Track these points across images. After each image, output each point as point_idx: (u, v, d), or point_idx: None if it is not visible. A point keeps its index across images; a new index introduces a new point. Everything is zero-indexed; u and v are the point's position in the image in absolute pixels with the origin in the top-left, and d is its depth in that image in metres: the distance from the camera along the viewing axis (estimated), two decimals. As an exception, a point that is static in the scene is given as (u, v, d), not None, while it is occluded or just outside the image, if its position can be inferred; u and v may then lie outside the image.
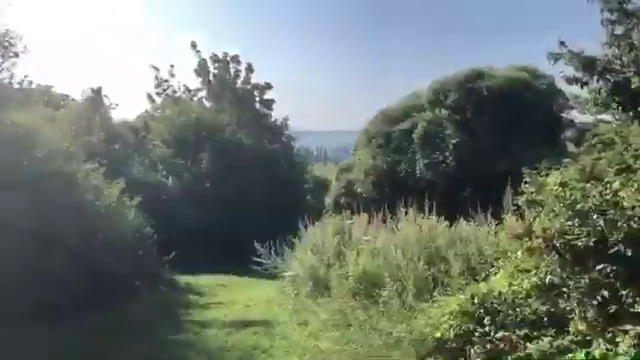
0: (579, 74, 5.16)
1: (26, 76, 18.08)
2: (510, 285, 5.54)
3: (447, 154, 14.70)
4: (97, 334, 7.33)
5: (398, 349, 5.77)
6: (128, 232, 11.37)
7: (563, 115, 16.42)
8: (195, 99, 23.71)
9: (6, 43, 8.82)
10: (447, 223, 8.36)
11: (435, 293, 6.62)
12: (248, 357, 6.27)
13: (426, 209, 8.55)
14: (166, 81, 23.75)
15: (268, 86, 23.63)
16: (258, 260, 10.17)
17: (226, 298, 10.90)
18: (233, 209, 17.85)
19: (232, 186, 18.27)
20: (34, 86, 22.77)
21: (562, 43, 5.16)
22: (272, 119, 23.82)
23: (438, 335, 5.47)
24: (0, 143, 8.32)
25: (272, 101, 23.76)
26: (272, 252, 10.18)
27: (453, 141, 14.76)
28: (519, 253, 5.72)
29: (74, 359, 6.33)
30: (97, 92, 21.90)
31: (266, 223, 16.16)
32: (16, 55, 9.47)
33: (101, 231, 10.03)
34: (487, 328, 5.25)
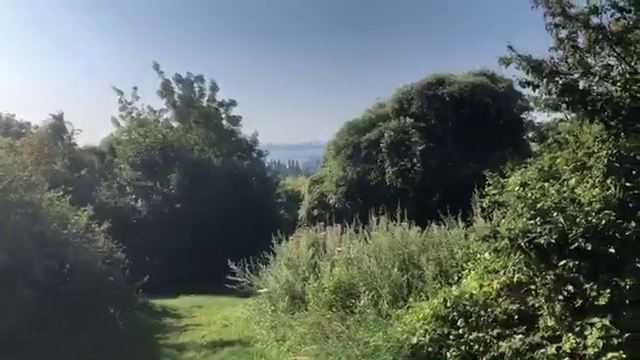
0: (529, 77, 5.36)
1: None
2: (481, 286, 5.67)
3: (415, 161, 14.93)
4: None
5: (376, 358, 5.79)
6: (98, 259, 11.10)
7: (524, 116, 16.93)
8: (161, 120, 23.46)
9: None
10: (419, 229, 8.46)
11: (410, 299, 6.68)
12: (226, 378, 6.19)
13: (398, 216, 8.65)
14: (130, 104, 23.44)
15: (233, 103, 23.57)
16: (233, 279, 10.06)
17: (203, 319, 10.76)
18: (206, 229, 17.64)
19: (204, 205, 18.08)
20: (-7, 115, 22.19)
21: (510, 47, 5.35)
22: (241, 135, 23.74)
23: (414, 341, 5.53)
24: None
25: (239, 118, 23.69)
26: (247, 270, 10.10)
27: (419, 148, 15.01)
28: (487, 254, 5.86)
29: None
30: (59, 118, 21.44)
31: (240, 240, 16.03)
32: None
33: (69, 260, 9.77)
34: (461, 330, 5.36)
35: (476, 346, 5.22)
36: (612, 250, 4.84)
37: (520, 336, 5.00)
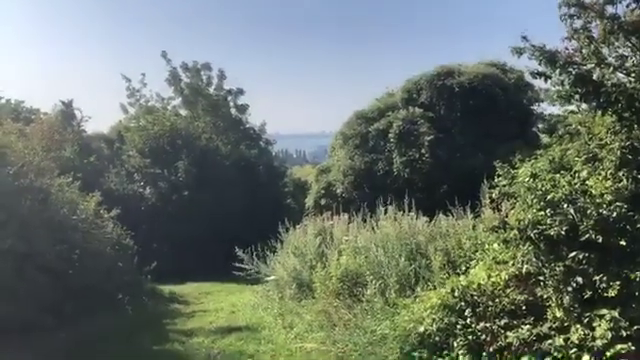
0: (542, 67, 5.29)
1: (-7, 91, 17.64)
2: (489, 277, 5.66)
3: (423, 151, 14.86)
4: (80, 348, 7.22)
5: (383, 346, 5.83)
6: (107, 245, 11.21)
7: (534, 108, 16.78)
8: (169, 108, 23.48)
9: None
10: (426, 219, 8.47)
11: (417, 288, 6.71)
12: (235, 363, 6.26)
13: (405, 206, 8.65)
14: (138, 91, 23.47)
15: (241, 91, 23.50)
16: (241, 266, 10.13)
17: (211, 305, 10.86)
18: (213, 216, 17.72)
19: (211, 193, 18.14)
20: (3, 101, 22.31)
21: (524, 38, 5.28)
22: (248, 124, 23.73)
23: (421, 330, 5.56)
24: (-31, 161, 8.12)
25: (247, 106, 23.64)
26: (254, 257, 10.16)
27: (428, 138, 14.92)
28: (495, 245, 5.86)
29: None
30: (68, 105, 21.50)
31: (247, 228, 16.11)
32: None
33: (78, 245, 9.86)
34: (468, 320, 5.37)
35: (483, 336, 5.24)
36: (623, 243, 4.82)
37: (528, 327, 5.02)
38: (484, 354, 5.16)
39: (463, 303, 5.50)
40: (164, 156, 19.37)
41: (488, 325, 5.23)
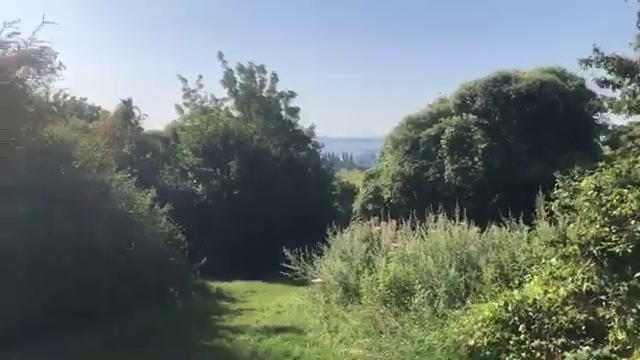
0: (611, 77, 5.04)
1: (61, 90, 18.71)
2: (545, 292, 5.43)
3: (476, 159, 14.50)
4: (132, 337, 7.51)
5: (431, 356, 5.72)
6: (160, 239, 11.62)
7: (595, 117, 16.02)
8: (222, 108, 24.11)
9: (42, 60, 9.11)
10: (478, 229, 8.24)
11: (467, 300, 6.53)
12: (280, 364, 6.31)
13: (456, 215, 8.46)
14: (194, 91, 24.24)
15: (292, 94, 23.86)
16: (287, 267, 10.21)
17: (257, 304, 11.02)
18: (262, 216, 18.02)
19: (260, 194, 18.46)
20: (68, 99, 23.61)
21: (596, 50, 5.06)
22: (298, 127, 24.01)
23: (471, 343, 5.40)
24: (39, 154, 8.61)
25: (297, 109, 23.97)
26: (301, 259, 10.22)
27: (482, 146, 14.56)
28: (553, 260, 5.61)
29: (111, 354, 6.48)
30: (128, 103, 22.50)
31: (294, 230, 16.26)
32: (52, 71, 9.80)
33: (134, 238, 10.28)
34: (522, 336, 5.17)
35: (538, 354, 5.03)
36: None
37: (587, 348, 4.77)
38: (538, 373, 4.96)
39: (517, 318, 5.30)
40: (216, 155, 19.89)
41: (544, 343, 5.01)
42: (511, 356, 5.12)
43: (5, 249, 7.08)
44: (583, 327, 4.99)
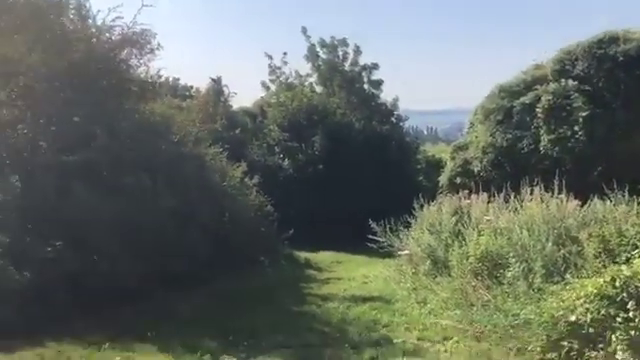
0: None
1: (159, 69, 19.87)
2: (660, 268, 5.01)
3: (576, 128, 13.35)
4: (230, 302, 8.01)
5: (527, 331, 5.52)
6: (251, 210, 12.16)
7: None
8: (306, 84, 24.35)
9: (142, 41, 9.70)
10: (578, 202, 7.76)
11: (567, 275, 6.20)
12: (369, 331, 6.42)
13: (555, 188, 7.99)
14: (279, 68, 24.68)
15: (375, 66, 23.48)
16: (374, 238, 10.26)
17: (343, 274, 11.25)
18: (346, 189, 18.15)
19: (344, 167, 18.56)
20: (163, 79, 25.08)
21: None
22: (381, 100, 23.68)
23: (572, 319, 5.13)
24: (142, 130, 9.30)
25: (381, 82, 23.59)
26: (387, 231, 10.21)
27: (583, 114, 13.35)
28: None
29: (211, 318, 6.96)
30: (218, 82, 23.46)
31: (377, 203, 16.18)
32: (151, 51, 10.45)
33: (228, 209, 10.85)
34: (631, 314, 4.82)
35: (649, 332, 4.68)
36: None
37: None
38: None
39: (625, 294, 4.94)
40: (301, 131, 20.23)
41: (656, 321, 4.65)
42: (617, 334, 4.80)
43: (116, 216, 7.80)
44: None
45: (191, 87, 28.92)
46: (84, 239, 7.35)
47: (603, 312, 4.99)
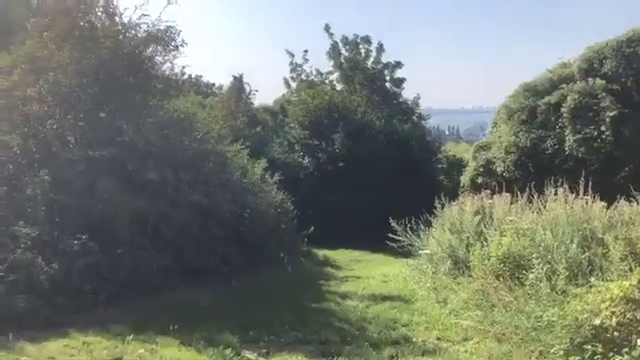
0: None
1: (183, 67, 20.11)
2: (688, 272, 4.88)
3: (603, 128, 13.08)
4: (250, 297, 8.08)
5: (549, 334, 5.43)
6: (271, 207, 12.23)
7: None
8: (327, 82, 24.36)
9: (167, 38, 9.83)
10: (604, 204, 7.59)
11: (592, 278, 6.07)
12: (389, 329, 6.41)
13: (581, 189, 7.84)
14: (300, 66, 24.73)
15: (398, 64, 23.37)
16: (394, 237, 10.23)
17: (362, 272, 11.23)
18: (365, 188, 18.14)
19: (365, 166, 18.55)
20: (186, 77, 25.40)
21: None
22: (402, 98, 23.56)
23: (597, 322, 5.03)
24: (166, 126, 9.44)
25: (402, 80, 23.47)
26: (407, 231, 10.16)
27: (610, 114, 13.08)
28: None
29: (231, 313, 7.04)
30: (239, 80, 23.67)
31: (397, 202, 16.13)
32: (176, 48, 10.58)
33: (248, 206, 10.94)
34: (659, 318, 4.71)
35: (677, 339, 4.56)
36: None
37: None
38: (676, 359, 4.50)
39: (652, 299, 4.83)
40: (322, 129, 20.27)
41: (685, 327, 4.53)
42: (644, 339, 4.70)
43: (140, 210, 7.94)
44: None
45: (213, 84, 29.23)
46: (109, 232, 7.52)
47: (629, 316, 4.88)
